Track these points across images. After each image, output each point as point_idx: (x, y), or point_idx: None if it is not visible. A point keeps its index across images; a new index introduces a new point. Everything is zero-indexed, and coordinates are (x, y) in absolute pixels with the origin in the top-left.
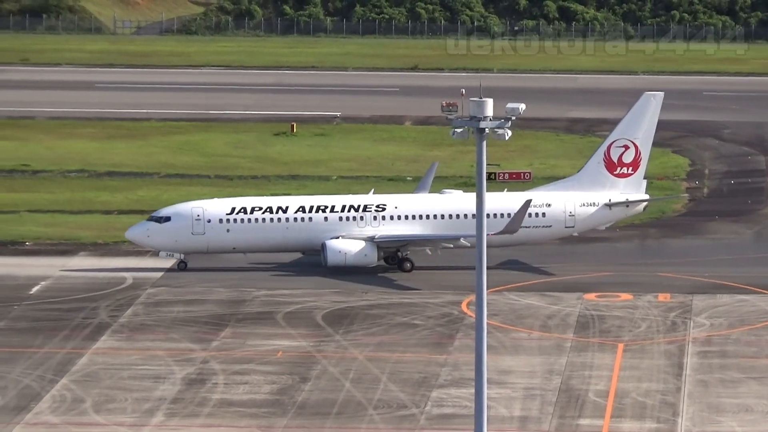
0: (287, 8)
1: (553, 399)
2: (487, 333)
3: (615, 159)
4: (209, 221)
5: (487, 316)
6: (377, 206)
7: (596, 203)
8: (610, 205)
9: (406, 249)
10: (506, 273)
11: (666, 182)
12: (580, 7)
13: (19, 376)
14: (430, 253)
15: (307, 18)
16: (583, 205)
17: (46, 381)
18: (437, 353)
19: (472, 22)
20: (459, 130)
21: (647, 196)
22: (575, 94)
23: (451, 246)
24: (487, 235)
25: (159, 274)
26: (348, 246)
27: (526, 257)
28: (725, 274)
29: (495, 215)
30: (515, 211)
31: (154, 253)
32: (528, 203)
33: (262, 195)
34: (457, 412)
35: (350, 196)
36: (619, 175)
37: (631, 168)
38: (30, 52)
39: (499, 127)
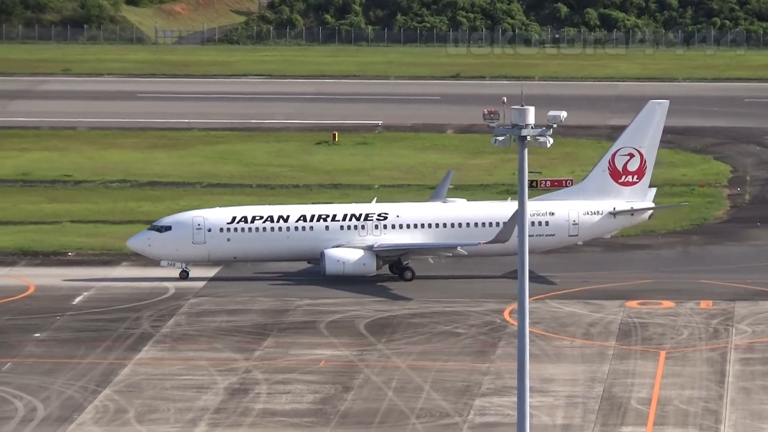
0: (328, 17)
1: (595, 407)
2: (530, 341)
3: (620, 167)
4: (210, 230)
5: (530, 324)
6: (379, 215)
7: (600, 212)
8: (614, 214)
9: (406, 258)
10: (548, 281)
11: (708, 189)
12: (621, 15)
13: (61, 387)
14: (432, 262)
15: (349, 27)
16: (587, 213)
17: (89, 391)
18: (480, 362)
19: (513, 31)
20: (501, 138)
21: (652, 204)
22: (616, 102)
23: (450, 255)
24: (479, 243)
25: (201, 284)
26: (346, 255)
27: (567, 265)
28: None
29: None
30: (506, 220)
31: (195, 263)
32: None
33: (304, 204)
34: (500, 420)
35: (352, 204)
36: (624, 184)
37: (636, 176)
38: (72, 63)
39: (540, 135)
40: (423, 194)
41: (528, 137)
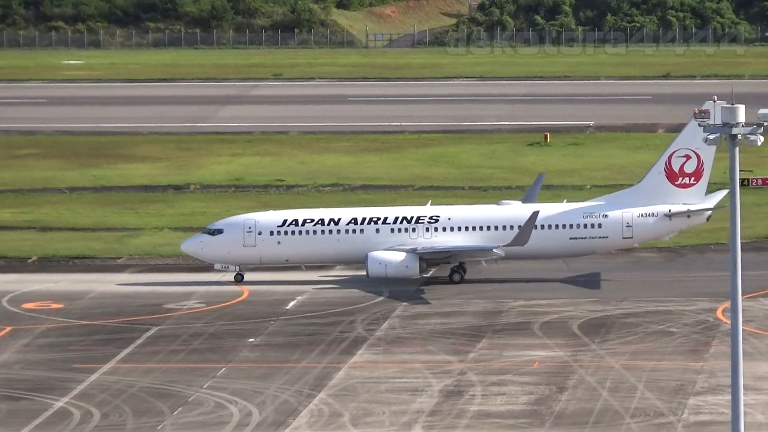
0: (539, 18)
1: None
2: (743, 339)
3: (676, 169)
4: (260, 233)
5: (743, 322)
6: (430, 218)
7: (655, 214)
8: (670, 216)
9: (455, 260)
10: (761, 279)
11: None
12: None
13: (276, 392)
14: (485, 264)
15: (559, 28)
16: (642, 215)
17: (304, 396)
18: (693, 361)
19: (723, 29)
20: (712, 137)
21: (710, 206)
22: None
23: (494, 257)
24: (499, 246)
25: (415, 287)
26: (389, 257)
27: None
28: None
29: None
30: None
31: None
32: (535, 215)
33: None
34: (714, 419)
35: (403, 207)
36: (680, 186)
37: (693, 178)
38: (282, 67)
39: (751, 133)
40: None
41: (739, 136)
